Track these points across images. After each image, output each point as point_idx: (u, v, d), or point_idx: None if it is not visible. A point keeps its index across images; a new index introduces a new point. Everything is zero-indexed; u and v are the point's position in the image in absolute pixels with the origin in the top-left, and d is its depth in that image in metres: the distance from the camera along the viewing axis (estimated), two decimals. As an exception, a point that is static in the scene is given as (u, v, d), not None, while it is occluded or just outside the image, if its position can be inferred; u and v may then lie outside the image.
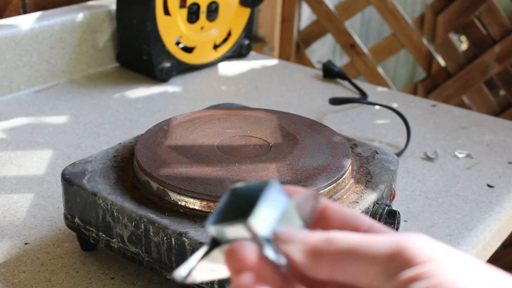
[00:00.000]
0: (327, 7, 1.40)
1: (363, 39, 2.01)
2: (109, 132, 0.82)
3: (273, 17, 1.41)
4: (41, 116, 0.86)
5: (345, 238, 0.27)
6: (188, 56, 1.02)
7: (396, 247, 0.26)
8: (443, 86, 1.33)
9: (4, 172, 0.71)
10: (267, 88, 1.00)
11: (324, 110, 0.91)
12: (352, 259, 0.26)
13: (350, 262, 0.26)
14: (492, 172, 0.75)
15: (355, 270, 0.26)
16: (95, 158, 0.58)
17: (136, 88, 0.97)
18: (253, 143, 0.59)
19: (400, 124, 0.85)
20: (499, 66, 1.25)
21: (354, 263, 0.26)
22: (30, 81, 0.94)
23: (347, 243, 0.27)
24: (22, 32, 0.91)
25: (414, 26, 1.33)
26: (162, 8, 0.95)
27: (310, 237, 0.28)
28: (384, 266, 0.26)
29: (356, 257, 0.26)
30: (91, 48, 1.01)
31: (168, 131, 0.61)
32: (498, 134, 0.86)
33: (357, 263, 0.26)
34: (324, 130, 0.63)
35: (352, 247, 0.26)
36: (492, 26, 1.25)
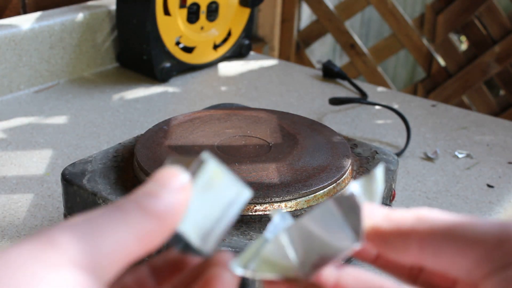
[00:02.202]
0: (327, 7, 1.40)
1: (363, 39, 2.01)
2: (109, 132, 0.82)
3: (273, 17, 1.41)
4: (41, 116, 0.86)
5: (439, 217, 0.23)
6: (188, 56, 1.02)
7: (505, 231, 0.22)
8: (443, 86, 1.33)
9: (4, 172, 0.71)
10: (267, 88, 1.00)
11: (324, 110, 0.91)
12: (449, 240, 0.22)
13: (447, 243, 0.22)
14: (492, 172, 0.75)
15: (452, 253, 0.22)
16: (95, 158, 0.58)
17: (136, 88, 0.97)
18: (253, 143, 0.59)
19: (400, 124, 0.85)
20: (499, 66, 1.25)
21: (451, 245, 0.22)
22: (30, 81, 0.94)
23: (442, 222, 0.23)
24: (22, 32, 0.91)
25: (414, 26, 1.33)
26: (162, 8, 0.95)
27: (396, 213, 0.24)
28: (490, 253, 0.22)
29: (455, 238, 0.22)
30: (91, 48, 1.01)
31: (168, 131, 0.61)
32: (498, 134, 0.86)
33: (456, 245, 0.22)
34: (324, 130, 0.63)
35: (449, 226, 0.23)
36: (492, 26, 1.25)
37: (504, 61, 1.24)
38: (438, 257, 0.23)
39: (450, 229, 0.23)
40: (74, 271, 0.20)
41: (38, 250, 0.20)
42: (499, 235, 0.22)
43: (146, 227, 0.22)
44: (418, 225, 0.23)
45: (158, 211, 0.23)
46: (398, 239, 0.24)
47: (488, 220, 0.23)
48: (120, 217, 0.22)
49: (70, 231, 0.21)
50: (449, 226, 0.23)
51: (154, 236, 0.22)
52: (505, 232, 0.22)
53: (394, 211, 0.25)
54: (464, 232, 0.22)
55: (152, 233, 0.22)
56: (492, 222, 0.23)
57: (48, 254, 0.20)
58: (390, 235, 0.24)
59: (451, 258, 0.23)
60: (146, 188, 0.23)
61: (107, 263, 0.21)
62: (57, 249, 0.21)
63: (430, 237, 0.23)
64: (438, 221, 0.23)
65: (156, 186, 0.23)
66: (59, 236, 0.21)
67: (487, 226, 0.22)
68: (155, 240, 0.23)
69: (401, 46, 1.36)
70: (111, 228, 0.22)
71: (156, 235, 0.23)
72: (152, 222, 0.22)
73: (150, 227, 0.22)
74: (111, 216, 0.22)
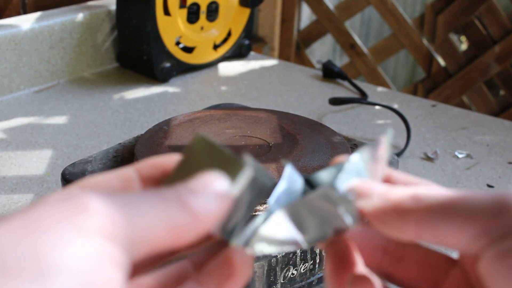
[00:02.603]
0: (327, 7, 1.40)
1: (363, 39, 2.01)
2: (109, 132, 0.82)
3: (273, 17, 1.41)
4: (41, 116, 0.86)
5: (435, 195, 0.24)
6: (188, 56, 1.02)
7: (500, 202, 0.22)
8: (443, 86, 1.33)
9: (4, 172, 0.71)
10: (267, 88, 1.00)
11: (324, 110, 0.91)
12: (446, 217, 0.23)
13: (443, 220, 0.23)
14: (492, 172, 0.75)
15: (449, 229, 0.23)
16: (95, 158, 0.58)
17: (136, 88, 0.97)
18: (253, 143, 0.59)
19: (400, 124, 0.85)
20: (499, 66, 1.25)
21: (448, 221, 0.23)
22: (30, 81, 0.94)
23: (438, 200, 0.23)
24: (22, 32, 0.91)
25: (414, 26, 1.33)
26: (162, 8, 0.95)
27: (393, 192, 0.25)
28: (487, 225, 0.22)
29: (451, 214, 0.23)
30: (91, 48, 1.01)
31: (168, 131, 0.61)
32: (498, 134, 0.86)
33: (452, 221, 0.23)
34: (324, 130, 0.63)
35: (445, 203, 0.23)
36: (492, 26, 1.25)
37: (504, 61, 1.24)
38: (436, 234, 0.23)
39: (446, 205, 0.23)
40: (103, 240, 0.20)
41: (68, 212, 0.20)
42: (494, 207, 0.22)
43: (180, 220, 0.22)
44: (414, 204, 0.24)
45: (196, 209, 0.22)
46: (395, 219, 0.24)
47: (483, 193, 0.23)
48: (158, 202, 0.22)
49: (105, 200, 0.21)
50: (445, 202, 0.23)
51: (185, 232, 0.22)
52: (500, 203, 0.22)
53: (391, 189, 0.25)
54: (460, 207, 0.23)
55: (184, 229, 0.22)
56: (487, 194, 0.23)
57: (78, 219, 0.20)
58: (386, 215, 0.24)
59: (449, 234, 0.23)
60: (190, 184, 0.23)
61: (137, 242, 0.21)
62: (88, 215, 0.20)
63: (427, 216, 0.23)
64: (434, 198, 0.23)
65: (200, 185, 0.23)
66: (92, 203, 0.20)
67: (482, 199, 0.22)
68: (185, 236, 0.22)
69: (401, 46, 1.36)
70: (147, 209, 0.21)
71: (187, 231, 0.22)
72: (187, 218, 0.22)
73: (184, 222, 0.22)
74: (148, 198, 0.22)
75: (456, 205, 0.23)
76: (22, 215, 0.20)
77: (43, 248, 0.19)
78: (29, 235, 0.19)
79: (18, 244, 0.19)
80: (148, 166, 0.26)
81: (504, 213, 0.22)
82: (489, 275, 0.22)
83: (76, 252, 0.19)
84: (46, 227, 0.19)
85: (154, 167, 0.26)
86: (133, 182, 0.25)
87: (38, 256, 0.19)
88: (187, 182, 0.23)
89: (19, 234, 0.19)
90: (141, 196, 0.22)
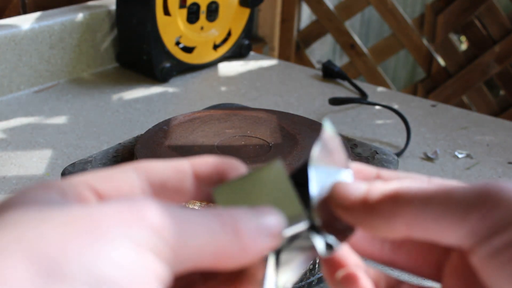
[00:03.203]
0: (327, 7, 1.40)
1: (363, 39, 2.01)
2: (109, 132, 0.82)
3: (273, 17, 1.41)
4: (41, 116, 0.86)
5: (416, 191, 0.23)
6: (188, 56, 1.02)
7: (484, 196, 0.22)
8: (443, 86, 1.33)
9: (4, 172, 0.71)
10: (267, 88, 1.00)
11: (324, 110, 0.91)
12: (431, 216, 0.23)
13: (430, 219, 0.23)
14: (492, 172, 0.75)
15: (436, 228, 0.23)
16: (95, 158, 0.58)
17: (136, 88, 0.97)
18: (253, 143, 0.59)
19: (400, 124, 0.85)
20: (499, 66, 1.25)
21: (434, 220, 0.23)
22: (30, 81, 0.94)
23: (421, 197, 0.23)
24: (22, 32, 0.91)
25: (414, 26, 1.33)
26: (162, 8, 0.95)
27: (373, 191, 0.24)
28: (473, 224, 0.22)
29: (436, 212, 0.22)
30: (91, 48, 1.01)
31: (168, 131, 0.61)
32: (498, 134, 0.86)
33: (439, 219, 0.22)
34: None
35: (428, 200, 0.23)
36: (492, 26, 1.25)
37: (504, 61, 1.24)
38: (425, 232, 0.23)
39: (430, 202, 0.23)
40: (154, 258, 0.19)
41: (127, 221, 0.19)
42: (479, 202, 0.22)
43: (230, 248, 0.21)
44: (397, 208, 0.24)
45: (248, 241, 0.22)
46: (381, 220, 0.24)
47: (465, 187, 0.23)
48: (213, 225, 0.21)
49: (163, 213, 0.20)
50: (428, 199, 0.23)
51: (228, 259, 0.22)
52: (484, 197, 0.22)
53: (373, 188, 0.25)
54: (444, 205, 0.23)
55: (229, 256, 0.22)
56: (469, 188, 0.23)
57: (135, 230, 0.19)
58: (372, 218, 0.24)
59: (437, 232, 0.23)
60: (249, 214, 0.22)
61: (182, 260, 0.20)
62: (145, 228, 0.20)
63: (412, 216, 0.23)
64: (416, 196, 0.23)
65: (259, 218, 0.22)
66: (151, 215, 0.20)
67: (465, 194, 0.22)
68: (227, 263, 0.22)
69: (401, 46, 1.36)
70: (202, 230, 0.21)
71: (231, 259, 0.22)
72: (236, 247, 0.22)
73: (232, 250, 0.21)
74: (204, 218, 0.21)
75: (440, 203, 0.23)
76: (86, 213, 0.19)
77: (99, 260, 0.18)
78: (88, 241, 0.18)
79: (77, 250, 0.18)
80: (206, 164, 0.25)
81: (490, 208, 0.22)
82: (482, 270, 0.22)
83: (128, 270, 0.19)
84: (105, 234, 0.19)
85: (212, 167, 0.25)
86: (187, 176, 0.25)
87: (93, 267, 0.18)
88: (247, 210, 0.23)
89: (80, 237, 0.18)
90: (198, 214, 0.21)
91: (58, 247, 0.18)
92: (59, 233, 0.18)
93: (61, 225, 0.19)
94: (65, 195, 0.21)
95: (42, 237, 0.18)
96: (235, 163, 0.25)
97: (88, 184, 0.22)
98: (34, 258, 0.17)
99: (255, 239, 0.22)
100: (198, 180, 0.25)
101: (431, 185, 0.24)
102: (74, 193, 0.22)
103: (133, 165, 0.24)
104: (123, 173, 0.23)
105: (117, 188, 0.23)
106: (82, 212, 0.19)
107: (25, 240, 0.18)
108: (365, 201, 0.24)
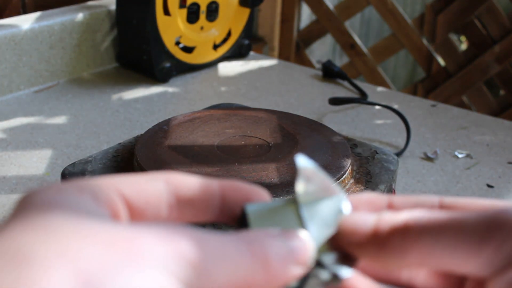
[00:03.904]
0: (327, 7, 1.40)
1: (363, 39, 2.01)
2: (109, 132, 0.82)
3: (273, 17, 1.41)
4: (41, 116, 0.86)
5: (428, 220, 0.23)
6: (188, 56, 1.02)
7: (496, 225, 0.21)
8: (443, 86, 1.33)
9: (4, 172, 0.71)
10: (267, 88, 1.00)
11: (324, 110, 0.91)
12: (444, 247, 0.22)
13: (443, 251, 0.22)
14: (492, 172, 0.75)
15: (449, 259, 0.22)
16: (95, 158, 0.58)
17: (136, 88, 0.97)
18: (253, 143, 0.59)
19: (400, 124, 0.85)
20: (499, 66, 1.25)
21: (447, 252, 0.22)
22: (30, 81, 0.94)
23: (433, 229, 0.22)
24: (22, 32, 0.91)
25: (414, 26, 1.33)
26: (162, 8, 0.95)
27: (383, 222, 0.24)
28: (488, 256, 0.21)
29: (449, 244, 0.22)
30: (91, 48, 1.01)
31: (168, 131, 0.61)
32: (498, 134, 0.86)
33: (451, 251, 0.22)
34: (324, 130, 0.63)
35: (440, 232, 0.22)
36: (492, 26, 1.25)
37: (504, 61, 1.24)
38: (438, 263, 0.23)
39: (442, 234, 0.22)
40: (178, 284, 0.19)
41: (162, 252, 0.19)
42: (491, 231, 0.21)
43: (258, 277, 0.21)
44: (408, 241, 0.23)
45: (275, 270, 0.21)
46: (392, 257, 0.23)
47: (477, 215, 0.22)
48: (243, 253, 0.21)
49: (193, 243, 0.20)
50: (440, 231, 0.22)
51: (252, 286, 0.21)
52: (496, 225, 0.22)
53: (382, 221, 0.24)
54: (456, 235, 0.22)
55: (256, 284, 0.21)
56: (481, 216, 0.22)
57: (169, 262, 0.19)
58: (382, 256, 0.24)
59: (451, 264, 0.22)
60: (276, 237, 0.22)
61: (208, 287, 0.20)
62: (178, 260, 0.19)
63: (425, 251, 0.23)
64: (429, 230, 0.23)
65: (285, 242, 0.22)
66: (185, 248, 0.20)
67: (477, 223, 0.22)
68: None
69: (401, 46, 1.36)
70: (232, 259, 0.21)
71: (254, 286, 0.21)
72: (261, 275, 0.21)
73: (258, 278, 0.21)
74: (236, 246, 0.21)
75: (452, 234, 0.22)
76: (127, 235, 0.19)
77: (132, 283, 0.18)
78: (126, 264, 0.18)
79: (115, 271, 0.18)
80: (235, 188, 0.25)
81: (505, 238, 0.21)
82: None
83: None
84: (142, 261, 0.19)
85: (240, 192, 0.25)
86: (214, 197, 0.25)
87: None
88: (276, 234, 0.22)
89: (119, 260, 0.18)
90: (229, 243, 0.21)
91: (98, 266, 0.18)
92: (101, 252, 0.18)
93: (103, 244, 0.19)
94: (97, 200, 0.21)
95: (85, 254, 0.18)
96: (262, 192, 0.25)
97: (117, 189, 0.22)
98: (76, 275, 0.17)
99: (284, 267, 0.22)
100: (224, 202, 0.25)
101: (442, 214, 0.23)
102: (105, 199, 0.22)
103: (164, 175, 0.24)
104: (153, 182, 0.23)
105: (144, 198, 0.23)
106: (123, 234, 0.19)
107: (69, 256, 0.18)
108: (375, 235, 0.24)
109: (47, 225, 0.19)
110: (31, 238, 0.18)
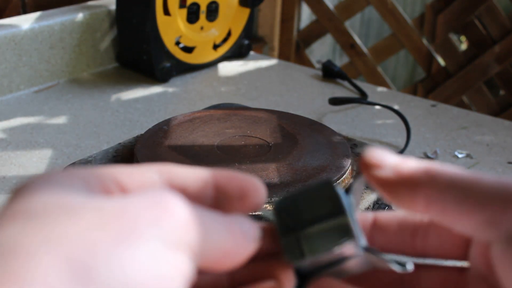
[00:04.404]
0: (327, 7, 1.40)
1: (363, 39, 2.01)
2: (109, 132, 0.82)
3: (273, 17, 1.41)
4: (41, 116, 0.86)
5: (448, 173, 0.23)
6: (188, 56, 1.02)
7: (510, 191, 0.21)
8: (443, 86, 1.33)
9: (4, 172, 0.71)
10: (267, 88, 1.00)
11: (324, 110, 0.91)
12: (454, 198, 0.22)
13: (452, 200, 0.22)
14: (492, 172, 0.75)
15: (457, 212, 0.22)
16: (95, 158, 0.58)
17: (136, 88, 0.97)
18: (253, 143, 0.59)
19: (400, 124, 0.85)
20: (499, 66, 1.25)
21: (456, 203, 0.22)
22: (30, 81, 0.94)
23: (450, 178, 0.23)
24: (22, 32, 0.91)
25: (414, 26, 1.33)
26: (162, 8, 0.95)
27: (405, 164, 0.24)
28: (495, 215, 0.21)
29: (460, 196, 0.22)
30: (91, 48, 1.01)
31: (168, 131, 0.61)
32: (498, 134, 0.86)
33: (462, 205, 0.22)
34: (324, 130, 0.63)
35: (456, 183, 0.22)
36: (492, 26, 1.25)
37: (504, 61, 1.24)
38: (444, 214, 0.23)
39: (457, 185, 0.22)
40: (181, 255, 0.19)
41: (155, 217, 0.19)
42: (503, 195, 0.22)
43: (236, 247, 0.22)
44: (426, 179, 0.23)
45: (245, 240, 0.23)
46: (405, 192, 0.24)
47: (494, 179, 0.22)
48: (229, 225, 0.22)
49: (187, 210, 0.20)
50: (456, 183, 0.23)
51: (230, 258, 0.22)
52: (510, 191, 0.22)
53: (405, 162, 0.25)
54: (470, 190, 0.22)
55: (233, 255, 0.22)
56: (497, 180, 0.22)
57: (165, 227, 0.19)
58: (397, 188, 0.24)
59: (457, 217, 0.23)
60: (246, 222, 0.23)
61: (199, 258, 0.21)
62: (173, 224, 0.19)
63: (436, 194, 0.23)
64: (447, 176, 0.23)
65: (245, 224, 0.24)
66: (177, 210, 0.20)
67: (492, 185, 0.22)
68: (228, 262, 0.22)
69: (401, 46, 1.36)
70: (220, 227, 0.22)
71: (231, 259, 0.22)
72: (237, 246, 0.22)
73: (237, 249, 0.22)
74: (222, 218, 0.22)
75: (466, 188, 0.22)
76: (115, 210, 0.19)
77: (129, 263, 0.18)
78: (119, 243, 0.18)
79: (107, 253, 0.18)
80: (228, 178, 0.25)
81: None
82: (499, 264, 0.22)
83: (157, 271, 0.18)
84: (136, 236, 0.18)
85: (234, 182, 0.25)
86: (207, 186, 0.25)
87: (121, 271, 0.17)
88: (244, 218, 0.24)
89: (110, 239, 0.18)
90: (215, 213, 0.22)
91: (88, 249, 0.17)
92: (89, 233, 0.18)
93: (91, 223, 0.18)
94: (89, 185, 0.21)
95: (72, 238, 0.17)
96: (256, 182, 0.26)
97: (113, 176, 0.22)
98: (64, 262, 0.17)
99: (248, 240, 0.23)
100: (217, 191, 0.25)
101: (463, 171, 0.23)
102: (98, 184, 0.21)
103: (157, 166, 0.24)
104: (146, 171, 0.23)
105: (139, 185, 0.23)
106: (112, 209, 0.19)
107: (54, 241, 0.17)
108: (397, 169, 0.24)
109: (32, 214, 0.18)
110: (15, 229, 0.17)
